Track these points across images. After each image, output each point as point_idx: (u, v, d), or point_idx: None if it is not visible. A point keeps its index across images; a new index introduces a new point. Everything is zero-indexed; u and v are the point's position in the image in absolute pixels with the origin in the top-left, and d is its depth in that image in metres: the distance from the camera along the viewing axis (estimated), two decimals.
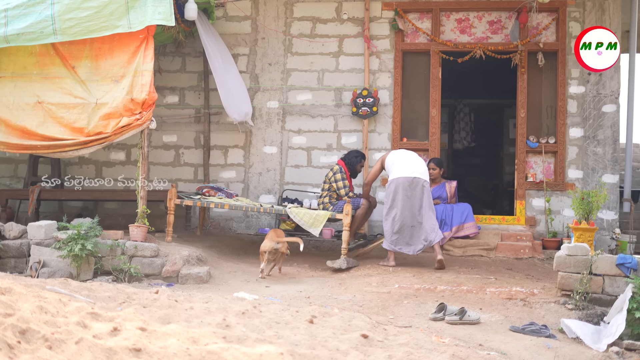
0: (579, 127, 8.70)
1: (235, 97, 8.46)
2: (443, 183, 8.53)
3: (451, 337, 4.61)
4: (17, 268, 6.71)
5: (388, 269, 7.06)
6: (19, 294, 3.62)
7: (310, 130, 9.10)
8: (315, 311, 4.60)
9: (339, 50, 9.10)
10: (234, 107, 8.43)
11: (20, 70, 7.16)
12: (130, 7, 6.91)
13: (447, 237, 8.26)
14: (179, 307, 4.41)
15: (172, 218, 7.65)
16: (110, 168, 9.42)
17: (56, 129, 7.04)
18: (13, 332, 2.78)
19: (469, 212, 8.35)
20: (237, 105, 8.48)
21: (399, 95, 8.94)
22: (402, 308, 5.59)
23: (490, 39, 8.95)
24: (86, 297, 4.49)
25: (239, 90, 8.58)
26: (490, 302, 5.82)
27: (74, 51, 7.10)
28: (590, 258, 5.68)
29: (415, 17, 9.03)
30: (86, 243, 6.32)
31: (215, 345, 3.01)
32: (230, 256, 7.71)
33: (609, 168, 8.60)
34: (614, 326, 4.97)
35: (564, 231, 8.42)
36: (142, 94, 6.95)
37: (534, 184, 8.70)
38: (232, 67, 8.60)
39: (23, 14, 6.85)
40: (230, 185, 9.15)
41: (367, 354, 3.58)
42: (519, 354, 4.48)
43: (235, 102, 8.45)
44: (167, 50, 9.29)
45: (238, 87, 8.60)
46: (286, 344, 3.55)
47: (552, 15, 8.79)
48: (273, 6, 9.22)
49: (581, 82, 8.72)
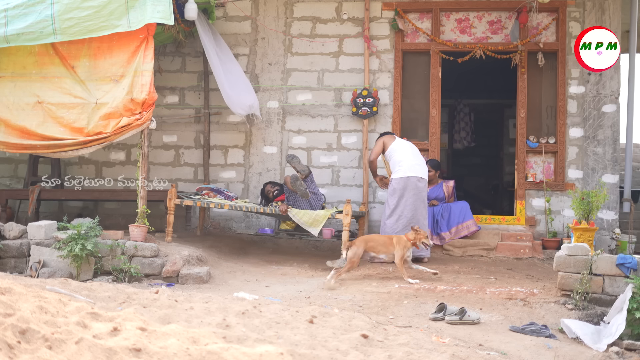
0: (579, 127, 8.70)
1: (238, 91, 8.36)
2: (440, 183, 8.53)
3: (451, 337, 4.61)
4: (17, 268, 6.71)
5: (388, 269, 7.05)
6: (19, 294, 3.62)
7: (310, 130, 9.10)
8: (315, 311, 4.60)
9: (339, 50, 9.10)
10: (235, 101, 8.28)
11: (19, 70, 7.16)
12: (130, 7, 6.90)
13: (446, 238, 8.26)
14: (179, 307, 4.41)
15: (172, 218, 7.65)
16: (110, 168, 9.42)
17: (56, 128, 7.04)
18: (13, 332, 2.78)
19: (467, 211, 8.34)
20: (238, 99, 8.33)
21: (399, 95, 8.94)
22: (402, 308, 5.59)
23: (490, 39, 8.95)
24: (86, 297, 4.49)
25: (241, 86, 8.47)
26: (490, 302, 5.81)
27: (73, 50, 7.09)
28: (590, 258, 5.68)
29: (415, 17, 9.03)
30: (86, 243, 6.32)
31: (215, 345, 3.01)
32: (230, 256, 7.71)
33: (609, 168, 8.60)
34: (614, 326, 4.97)
35: (564, 231, 8.42)
36: (142, 94, 6.95)
37: (534, 184, 8.70)
38: (232, 64, 8.54)
39: (23, 13, 6.85)
40: (230, 185, 9.15)
41: (367, 354, 3.58)
42: (519, 354, 4.48)
43: (238, 96, 8.33)
44: (167, 50, 9.29)
45: (240, 81, 8.49)
46: (286, 344, 3.55)
47: (552, 15, 8.79)
48: (273, 6, 9.22)
49: (581, 82, 8.72)
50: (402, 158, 7.52)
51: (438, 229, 8.30)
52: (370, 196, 8.93)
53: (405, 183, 7.35)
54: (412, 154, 7.58)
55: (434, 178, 8.39)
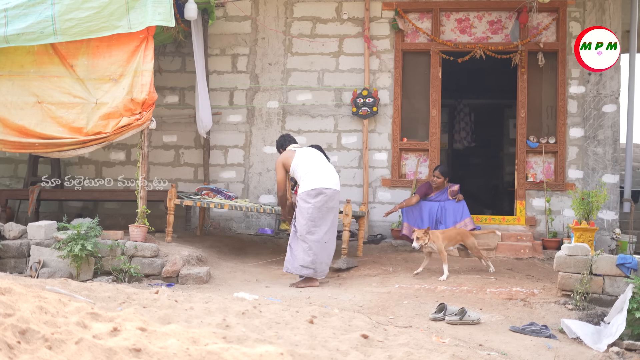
0: (579, 127, 8.69)
1: (206, 111, 8.56)
2: (445, 188, 8.52)
3: (451, 337, 4.61)
4: (17, 268, 6.70)
5: (388, 269, 7.05)
6: (19, 294, 3.62)
7: (310, 130, 9.10)
8: (315, 311, 4.60)
9: (339, 50, 9.10)
10: (205, 123, 8.54)
11: (17, 69, 7.13)
12: (130, 8, 6.90)
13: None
14: (179, 307, 4.40)
15: (172, 218, 7.64)
16: (110, 168, 9.42)
17: (55, 128, 7.03)
18: (13, 332, 2.78)
19: (464, 209, 8.31)
20: (206, 120, 8.55)
21: (399, 95, 8.94)
22: (402, 308, 5.58)
23: (490, 39, 8.95)
24: (86, 297, 4.48)
25: (206, 105, 8.61)
26: (491, 302, 5.81)
27: (72, 49, 7.08)
28: (590, 258, 5.67)
29: (415, 17, 9.03)
30: (86, 243, 6.32)
31: (215, 346, 3.01)
32: (230, 256, 7.71)
33: (609, 168, 8.59)
34: (614, 326, 4.97)
35: (564, 231, 8.42)
36: (142, 94, 6.95)
37: (534, 184, 8.70)
38: (204, 82, 8.63)
39: (23, 14, 6.85)
40: (230, 185, 9.15)
41: (367, 354, 3.57)
42: (519, 354, 4.47)
43: (207, 117, 8.55)
44: (167, 50, 9.29)
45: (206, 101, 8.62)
46: (286, 344, 3.54)
47: (552, 15, 8.79)
48: (273, 6, 9.22)
49: (581, 82, 8.72)
50: (304, 166, 6.69)
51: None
52: (371, 196, 8.93)
53: (321, 195, 6.56)
54: (318, 163, 6.77)
55: (441, 185, 8.35)
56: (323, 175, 6.65)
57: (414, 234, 6.76)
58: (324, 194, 6.55)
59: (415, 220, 8.26)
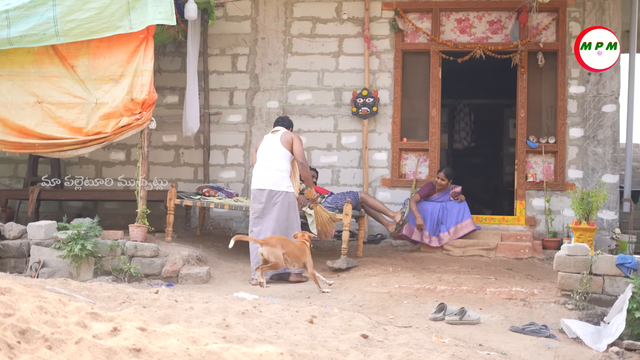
0: (579, 127, 8.69)
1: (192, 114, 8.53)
2: (448, 189, 8.52)
3: (451, 337, 4.61)
4: (17, 268, 6.71)
5: (388, 269, 7.05)
6: (18, 294, 3.62)
7: (310, 130, 9.10)
8: (315, 311, 4.60)
9: (339, 50, 9.10)
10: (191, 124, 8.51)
11: (17, 69, 7.12)
12: (131, 8, 6.90)
13: (445, 238, 8.24)
14: (178, 307, 4.41)
15: (172, 218, 7.65)
16: (110, 168, 9.41)
17: (55, 128, 7.03)
18: (13, 332, 2.78)
19: (464, 210, 8.32)
20: (193, 122, 8.52)
21: (399, 95, 8.94)
22: (402, 308, 5.59)
23: (490, 39, 8.95)
24: (86, 297, 4.49)
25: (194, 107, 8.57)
26: (490, 302, 5.81)
27: (72, 49, 7.07)
28: (590, 258, 5.67)
29: (415, 17, 9.03)
30: (86, 243, 6.32)
31: (215, 346, 3.01)
32: (230, 256, 7.70)
33: (609, 168, 8.59)
34: (614, 326, 4.97)
35: (564, 231, 8.42)
36: (142, 94, 6.95)
37: (534, 184, 8.70)
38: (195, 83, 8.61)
39: (25, 15, 6.84)
40: (230, 185, 9.15)
41: (367, 354, 3.57)
42: (519, 354, 4.48)
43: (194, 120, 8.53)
44: (167, 50, 9.29)
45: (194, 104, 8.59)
46: (286, 344, 3.55)
47: (552, 15, 8.78)
48: (273, 6, 9.22)
49: (581, 82, 8.72)
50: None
51: (437, 230, 8.29)
52: None
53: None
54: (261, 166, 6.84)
55: (445, 187, 8.38)
56: (255, 175, 6.88)
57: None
58: (253, 194, 6.84)
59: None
